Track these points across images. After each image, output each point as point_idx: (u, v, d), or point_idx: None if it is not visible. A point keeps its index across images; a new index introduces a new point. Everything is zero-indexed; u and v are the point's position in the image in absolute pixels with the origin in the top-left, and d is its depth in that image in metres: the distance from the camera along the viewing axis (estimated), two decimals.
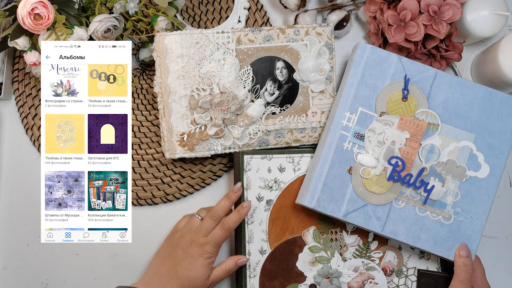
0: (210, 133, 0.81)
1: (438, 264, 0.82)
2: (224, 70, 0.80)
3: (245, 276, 0.81)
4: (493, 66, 0.82)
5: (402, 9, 0.81)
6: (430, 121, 0.77)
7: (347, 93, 0.78)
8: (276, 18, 0.93)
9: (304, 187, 0.79)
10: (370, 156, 0.76)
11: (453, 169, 0.76)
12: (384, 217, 0.76)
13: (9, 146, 0.90)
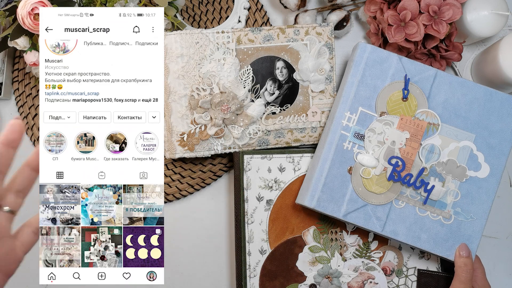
0: (210, 133, 0.81)
1: (438, 264, 0.82)
2: (224, 70, 0.80)
3: (245, 276, 0.81)
4: (493, 66, 0.82)
5: (402, 9, 0.81)
6: (430, 121, 0.77)
7: (347, 93, 0.78)
8: (276, 18, 0.93)
9: (304, 187, 0.79)
10: (370, 156, 0.76)
11: (453, 169, 0.76)
12: (384, 217, 0.76)
13: None
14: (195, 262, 0.88)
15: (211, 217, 0.89)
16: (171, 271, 0.88)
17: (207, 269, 0.88)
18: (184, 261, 0.88)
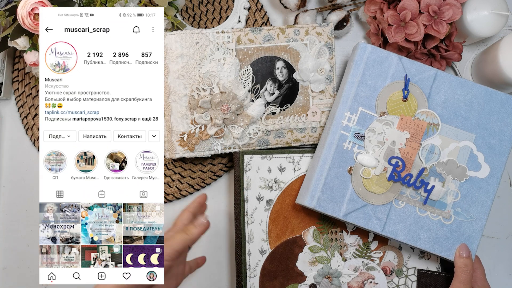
0: (210, 133, 0.81)
1: (438, 264, 0.82)
2: (224, 70, 0.80)
3: (245, 276, 0.81)
4: (493, 66, 0.82)
5: (402, 9, 0.81)
6: (430, 121, 0.77)
7: (347, 93, 0.78)
8: (276, 18, 0.93)
9: (304, 187, 0.79)
10: (370, 156, 0.76)
11: (453, 169, 0.76)
12: (384, 217, 0.76)
13: (9, 146, 0.90)
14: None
15: (211, 217, 0.89)
16: None
17: (207, 269, 0.88)
18: None
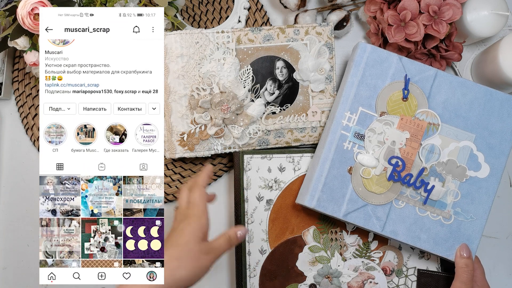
0: (210, 132, 0.81)
1: (438, 264, 0.82)
2: (224, 70, 0.80)
3: (245, 276, 0.81)
4: (493, 66, 0.82)
5: (402, 9, 0.81)
6: (431, 121, 0.77)
7: (347, 92, 0.78)
8: (276, 18, 0.93)
9: (304, 187, 0.79)
10: (370, 156, 0.76)
11: (453, 169, 0.76)
12: (384, 217, 0.76)
13: (9, 146, 0.90)
14: None
15: (211, 217, 0.89)
16: None
17: None
18: None
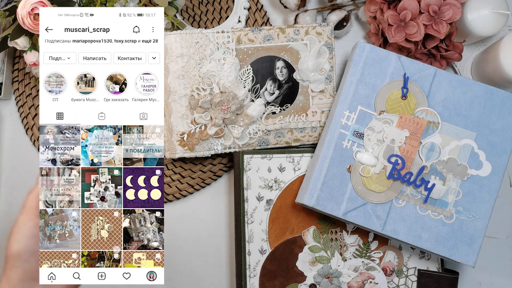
0: (210, 132, 0.81)
1: (438, 264, 0.81)
2: (224, 70, 0.80)
3: (245, 276, 0.81)
4: (494, 65, 0.82)
5: (402, 9, 0.81)
6: (430, 119, 0.77)
7: (346, 91, 0.78)
8: (276, 18, 0.94)
9: (303, 186, 0.79)
10: (370, 154, 0.76)
11: (454, 168, 0.76)
12: (384, 216, 0.76)
13: (9, 146, 0.90)
14: (195, 262, 0.88)
15: (211, 217, 0.89)
16: (171, 271, 0.88)
17: (207, 269, 0.88)
18: (184, 261, 0.88)
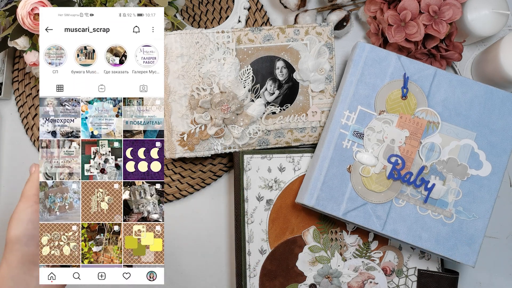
0: (210, 132, 0.81)
1: (438, 264, 0.81)
2: (224, 70, 0.80)
3: (245, 276, 0.81)
4: (494, 65, 0.82)
5: (402, 9, 0.81)
6: (430, 119, 0.77)
7: (346, 91, 0.78)
8: (276, 18, 0.94)
9: (303, 185, 0.79)
10: (370, 154, 0.76)
11: (454, 168, 0.76)
12: (384, 216, 0.76)
13: (9, 146, 0.90)
14: (195, 262, 0.88)
15: (211, 217, 0.89)
16: (171, 271, 0.88)
17: (207, 269, 0.88)
18: (184, 261, 0.88)
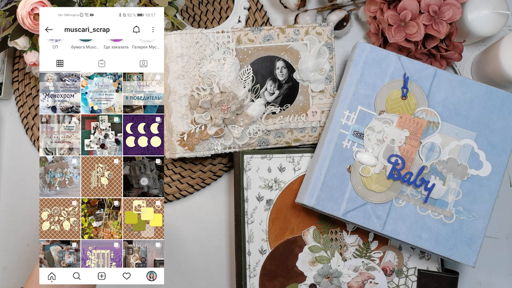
0: (210, 132, 0.81)
1: (438, 264, 0.81)
2: (224, 70, 0.80)
3: (245, 276, 0.81)
4: (494, 65, 0.82)
5: (402, 9, 0.81)
6: (430, 119, 0.77)
7: (346, 91, 0.78)
8: (276, 18, 0.94)
9: (303, 185, 0.79)
10: (370, 154, 0.76)
11: (454, 168, 0.76)
12: (384, 216, 0.76)
13: (9, 146, 0.90)
14: (195, 262, 0.88)
15: (211, 217, 0.89)
16: (171, 271, 0.88)
17: (207, 269, 0.88)
18: (184, 261, 0.88)
